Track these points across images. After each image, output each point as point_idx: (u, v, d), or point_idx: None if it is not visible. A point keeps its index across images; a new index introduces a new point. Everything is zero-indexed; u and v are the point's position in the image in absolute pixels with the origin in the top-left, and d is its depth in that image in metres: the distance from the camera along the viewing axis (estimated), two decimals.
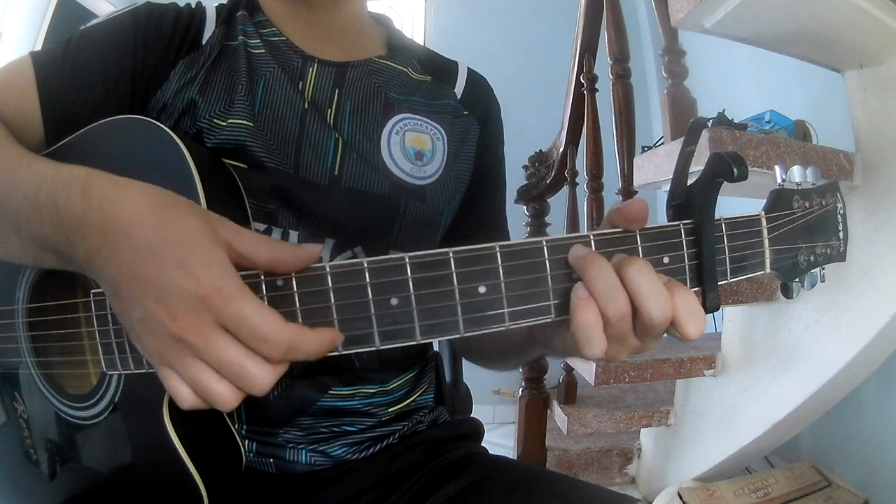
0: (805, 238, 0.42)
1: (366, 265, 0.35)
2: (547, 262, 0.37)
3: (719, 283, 0.39)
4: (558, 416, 1.56)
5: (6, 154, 0.44)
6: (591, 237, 0.38)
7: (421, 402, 0.65)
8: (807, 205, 0.43)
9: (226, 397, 0.34)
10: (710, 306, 0.39)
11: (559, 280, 0.37)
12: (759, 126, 1.18)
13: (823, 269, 0.44)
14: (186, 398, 0.34)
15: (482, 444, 0.70)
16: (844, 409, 1.28)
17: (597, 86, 1.60)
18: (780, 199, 0.42)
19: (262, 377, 0.34)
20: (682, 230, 0.38)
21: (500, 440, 2.31)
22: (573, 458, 1.67)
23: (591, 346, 0.36)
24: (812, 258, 0.43)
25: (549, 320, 0.37)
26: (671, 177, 0.41)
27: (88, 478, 0.51)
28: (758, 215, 0.41)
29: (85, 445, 0.51)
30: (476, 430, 0.70)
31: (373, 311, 0.35)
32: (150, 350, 0.35)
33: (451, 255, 0.35)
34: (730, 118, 1.17)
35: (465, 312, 0.36)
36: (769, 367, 1.26)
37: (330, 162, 0.57)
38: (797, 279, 0.43)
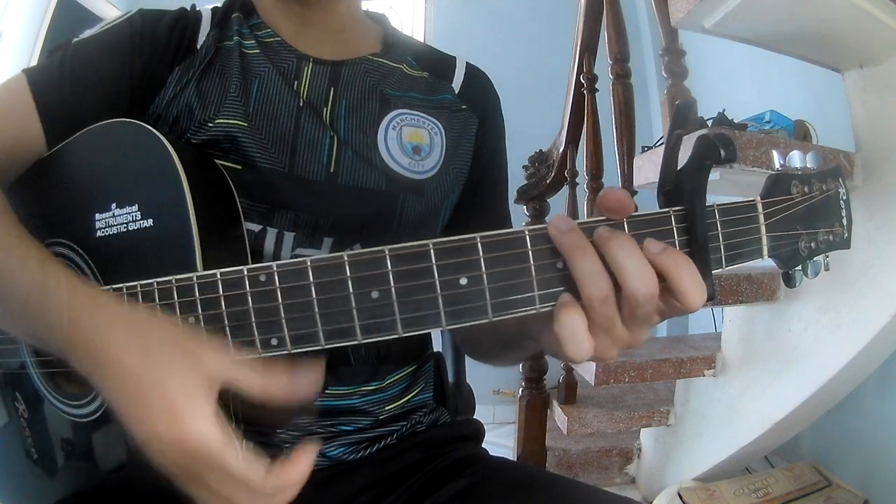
0: (805, 224, 0.41)
1: (346, 259, 0.35)
2: (530, 252, 0.35)
3: (714, 271, 0.37)
4: (558, 416, 1.56)
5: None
6: (578, 227, 0.36)
7: (419, 401, 0.65)
8: (806, 190, 0.41)
9: None
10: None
11: (543, 270, 0.35)
12: (759, 126, 1.18)
13: (827, 256, 0.42)
14: None
15: (482, 445, 0.70)
16: (844, 409, 1.27)
17: (597, 86, 1.60)
18: (777, 185, 0.40)
19: None
20: (673, 217, 0.37)
21: (500, 440, 2.30)
22: (573, 458, 1.67)
23: (577, 346, 0.35)
24: (814, 245, 0.41)
25: (534, 312, 0.36)
26: None
27: (88, 476, 0.51)
28: (753, 201, 0.39)
29: (83, 443, 0.51)
30: (476, 432, 0.70)
31: (354, 304, 0.35)
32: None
33: (431, 246, 0.35)
34: (730, 118, 1.17)
35: (446, 305, 0.35)
36: (769, 367, 1.26)
37: (326, 160, 0.57)
38: (799, 267, 0.41)
